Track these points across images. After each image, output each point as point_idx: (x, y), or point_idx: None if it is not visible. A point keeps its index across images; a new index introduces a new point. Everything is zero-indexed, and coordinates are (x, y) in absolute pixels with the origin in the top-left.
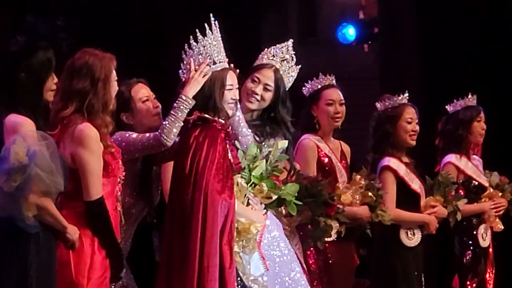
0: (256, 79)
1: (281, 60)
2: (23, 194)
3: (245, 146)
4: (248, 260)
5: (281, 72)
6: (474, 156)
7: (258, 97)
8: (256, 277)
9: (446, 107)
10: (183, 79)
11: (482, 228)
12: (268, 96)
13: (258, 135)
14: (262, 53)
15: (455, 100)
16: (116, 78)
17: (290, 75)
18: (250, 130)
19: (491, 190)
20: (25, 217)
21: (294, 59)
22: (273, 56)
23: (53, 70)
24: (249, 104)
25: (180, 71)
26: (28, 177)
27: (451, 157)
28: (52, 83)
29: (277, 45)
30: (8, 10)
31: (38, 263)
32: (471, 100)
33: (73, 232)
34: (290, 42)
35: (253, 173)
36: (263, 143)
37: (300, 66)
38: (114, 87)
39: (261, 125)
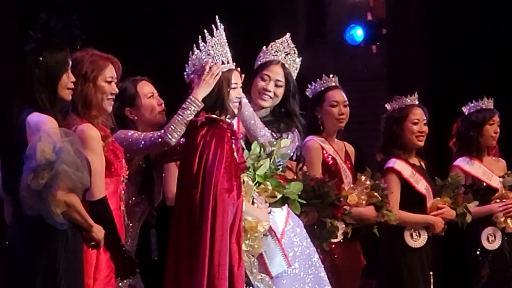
0: (266, 77)
1: (285, 55)
2: (51, 191)
3: None
4: (269, 257)
5: (287, 66)
6: (499, 158)
7: (271, 94)
8: (264, 276)
9: (462, 108)
10: (188, 81)
11: (489, 230)
12: (280, 91)
13: (274, 132)
14: (262, 51)
15: (469, 103)
16: (110, 80)
17: (294, 68)
18: (267, 129)
19: (503, 191)
20: (54, 214)
21: (296, 52)
22: (276, 51)
23: (69, 67)
24: (262, 102)
25: (185, 73)
26: (55, 173)
27: (459, 160)
28: (68, 80)
29: (276, 40)
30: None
31: (66, 261)
32: (487, 103)
33: (98, 231)
34: (288, 36)
35: (257, 172)
36: (278, 139)
37: (301, 58)
38: (101, 88)
39: (275, 121)
